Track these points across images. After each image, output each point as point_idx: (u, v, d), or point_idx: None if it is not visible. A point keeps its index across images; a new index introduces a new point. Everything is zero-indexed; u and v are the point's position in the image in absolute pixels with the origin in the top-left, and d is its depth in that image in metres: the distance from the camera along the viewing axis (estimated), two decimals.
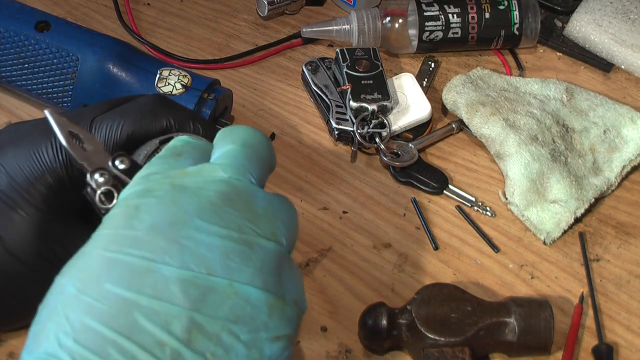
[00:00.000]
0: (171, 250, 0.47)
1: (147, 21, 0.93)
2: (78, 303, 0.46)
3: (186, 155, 0.54)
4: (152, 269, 0.46)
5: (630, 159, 0.80)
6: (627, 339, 0.70)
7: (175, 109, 0.66)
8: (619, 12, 0.91)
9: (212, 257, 0.47)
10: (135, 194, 0.50)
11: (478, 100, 0.82)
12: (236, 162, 0.52)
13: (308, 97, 0.87)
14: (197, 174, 0.51)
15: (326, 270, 0.74)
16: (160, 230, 0.48)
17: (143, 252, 0.47)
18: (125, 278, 0.46)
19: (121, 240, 0.47)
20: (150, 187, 0.50)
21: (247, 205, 0.50)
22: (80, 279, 0.47)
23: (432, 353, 0.65)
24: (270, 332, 0.48)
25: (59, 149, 0.62)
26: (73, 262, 0.49)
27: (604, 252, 0.76)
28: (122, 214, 0.49)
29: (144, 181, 0.51)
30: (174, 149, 0.54)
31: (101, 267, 0.47)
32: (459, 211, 0.78)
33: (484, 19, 0.87)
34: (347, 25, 0.88)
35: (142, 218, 0.48)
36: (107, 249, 0.47)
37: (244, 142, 0.54)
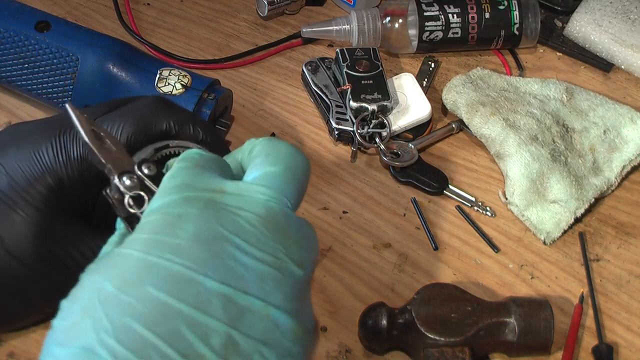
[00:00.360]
0: (213, 264, 0.47)
1: (147, 21, 0.93)
2: (119, 302, 0.45)
3: (209, 168, 0.54)
4: (195, 279, 0.46)
5: (630, 159, 0.80)
6: (627, 339, 0.70)
7: (176, 111, 0.66)
8: (619, 12, 0.91)
9: (249, 278, 0.47)
10: (174, 202, 0.50)
11: (478, 100, 0.82)
12: (276, 186, 0.52)
13: (308, 97, 0.87)
14: (237, 194, 0.51)
15: (326, 270, 0.74)
16: (203, 242, 0.48)
17: (186, 261, 0.47)
18: (167, 284, 0.46)
19: (163, 246, 0.47)
20: (187, 198, 0.50)
21: (282, 230, 0.51)
22: (120, 278, 0.46)
23: (432, 353, 0.65)
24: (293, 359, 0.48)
25: (60, 149, 0.62)
26: (108, 262, 0.48)
27: (604, 252, 0.76)
28: (163, 220, 0.49)
29: (178, 190, 0.51)
30: (193, 160, 0.54)
31: (143, 270, 0.46)
32: (459, 211, 0.78)
33: (484, 19, 0.87)
34: (347, 25, 0.88)
35: (184, 227, 0.48)
36: (148, 253, 0.47)
37: (286, 165, 0.53)
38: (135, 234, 0.49)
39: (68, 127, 0.63)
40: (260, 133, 0.84)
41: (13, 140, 0.63)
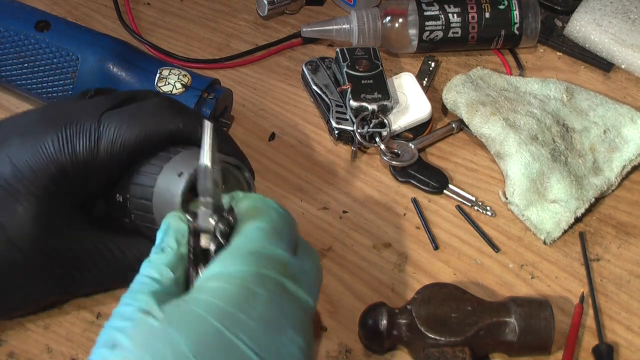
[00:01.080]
0: (271, 352, 0.50)
1: (147, 21, 0.93)
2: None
3: (283, 234, 0.56)
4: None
5: (631, 158, 0.80)
6: (627, 339, 0.70)
7: (183, 112, 0.66)
8: (619, 12, 0.90)
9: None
10: (250, 276, 0.52)
11: (478, 100, 0.82)
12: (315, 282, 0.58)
13: (308, 97, 0.87)
14: (295, 280, 0.54)
15: (326, 270, 0.74)
16: (269, 329, 0.51)
17: (253, 344, 0.50)
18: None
19: (238, 323, 0.50)
20: (262, 276, 0.53)
21: (312, 323, 0.56)
22: (194, 342, 0.48)
23: (432, 353, 0.65)
24: None
25: (65, 142, 0.61)
26: (183, 318, 0.50)
27: (604, 252, 0.76)
28: (238, 294, 0.51)
29: (255, 261, 0.53)
30: (273, 223, 0.56)
31: (218, 344, 0.49)
32: (459, 211, 0.78)
33: (484, 18, 0.87)
34: (347, 25, 0.88)
35: (257, 308, 0.51)
36: (225, 326, 0.49)
37: (320, 269, 0.60)
38: (210, 295, 0.51)
39: (74, 121, 0.62)
40: (260, 133, 0.84)
41: (16, 131, 0.63)
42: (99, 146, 0.62)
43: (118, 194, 0.65)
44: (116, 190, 0.65)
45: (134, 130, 0.63)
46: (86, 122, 0.62)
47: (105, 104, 0.65)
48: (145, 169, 0.64)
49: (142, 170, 0.64)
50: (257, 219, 0.56)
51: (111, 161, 0.63)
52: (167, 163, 0.63)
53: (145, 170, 0.64)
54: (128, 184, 0.64)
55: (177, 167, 0.62)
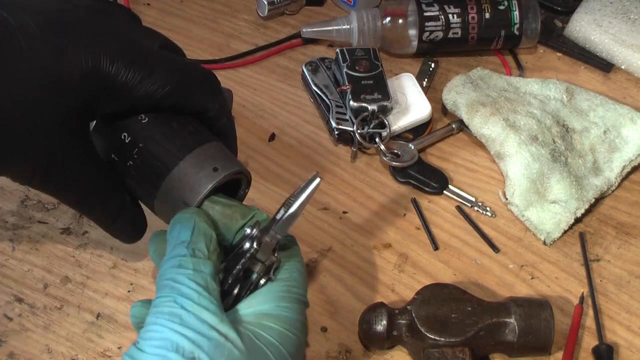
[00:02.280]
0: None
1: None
2: None
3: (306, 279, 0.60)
4: None
5: (631, 159, 0.80)
6: (627, 339, 0.70)
7: (222, 96, 0.64)
8: (619, 12, 0.91)
9: None
10: (300, 325, 0.56)
11: (478, 101, 0.82)
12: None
13: (308, 97, 0.87)
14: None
15: (326, 270, 0.74)
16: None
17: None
18: None
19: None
20: (301, 320, 0.57)
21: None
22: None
23: (432, 353, 0.65)
24: None
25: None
26: (260, 352, 0.53)
27: (604, 252, 0.76)
28: (294, 343, 0.55)
29: (302, 310, 0.57)
30: (303, 266, 0.60)
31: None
32: (459, 211, 0.78)
33: (484, 19, 0.87)
34: (347, 25, 0.88)
35: (298, 354, 0.56)
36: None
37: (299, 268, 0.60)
38: (276, 338, 0.54)
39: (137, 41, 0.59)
40: (260, 133, 0.84)
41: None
42: (152, 74, 0.58)
43: (126, 134, 0.61)
44: (124, 130, 0.61)
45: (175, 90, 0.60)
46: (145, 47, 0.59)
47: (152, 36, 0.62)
48: (174, 132, 0.60)
49: (169, 132, 0.60)
50: (296, 261, 0.59)
51: (147, 99, 0.59)
52: (205, 145, 0.60)
53: (174, 134, 0.60)
54: (148, 134, 0.60)
55: (215, 158, 0.60)
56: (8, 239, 0.74)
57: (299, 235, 0.76)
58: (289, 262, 0.59)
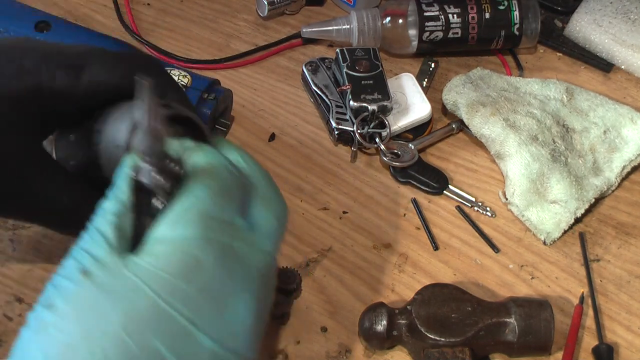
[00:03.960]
0: (214, 320, 0.48)
1: (147, 21, 0.93)
2: (120, 343, 0.46)
3: (233, 196, 0.53)
4: (194, 335, 0.47)
5: (631, 159, 0.80)
6: (627, 339, 0.70)
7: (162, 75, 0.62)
8: (619, 12, 0.90)
9: (241, 334, 0.49)
10: (195, 243, 0.49)
11: (478, 101, 0.82)
12: (271, 239, 0.54)
13: (308, 97, 0.87)
14: (248, 243, 0.52)
15: (326, 270, 0.74)
16: (212, 296, 0.49)
17: (192, 314, 0.47)
18: (170, 335, 0.47)
19: (177, 294, 0.47)
20: (208, 239, 0.50)
21: (271, 280, 0.53)
22: (127, 316, 0.46)
23: (432, 353, 0.65)
24: None
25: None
26: (115, 284, 0.47)
27: (604, 252, 0.76)
28: (181, 261, 0.48)
29: (201, 226, 0.50)
30: (222, 182, 0.53)
31: (151, 315, 0.47)
32: (459, 211, 0.78)
33: (484, 19, 0.87)
34: (347, 25, 0.88)
35: (199, 277, 0.48)
36: (159, 296, 0.47)
37: (278, 216, 0.56)
38: (150, 262, 0.48)
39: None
40: (260, 133, 0.84)
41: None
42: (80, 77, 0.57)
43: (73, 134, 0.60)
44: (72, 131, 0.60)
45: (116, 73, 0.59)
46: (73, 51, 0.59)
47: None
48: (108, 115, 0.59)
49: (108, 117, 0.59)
50: (207, 177, 0.52)
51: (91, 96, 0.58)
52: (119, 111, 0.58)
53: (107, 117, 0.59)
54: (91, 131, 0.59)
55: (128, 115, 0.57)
56: (8, 239, 0.74)
57: (299, 235, 0.76)
58: (197, 180, 0.52)
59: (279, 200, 0.57)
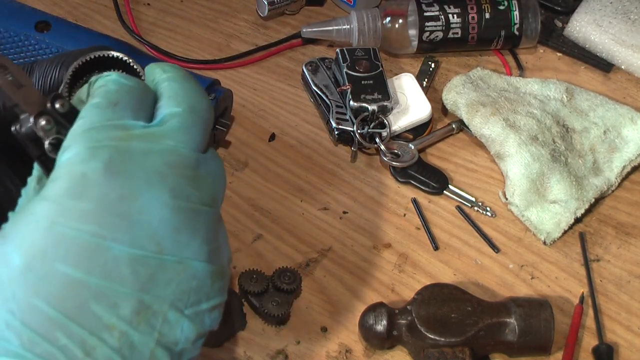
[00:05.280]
0: (122, 226, 0.45)
1: (147, 21, 0.93)
2: (25, 280, 0.44)
3: (123, 104, 0.49)
4: (103, 246, 0.44)
5: (631, 159, 0.80)
6: (627, 339, 0.70)
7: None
8: (619, 13, 0.90)
9: (163, 233, 0.46)
10: (79, 157, 0.46)
11: (478, 101, 0.82)
12: (182, 128, 0.49)
13: (308, 97, 0.87)
14: (144, 138, 0.48)
15: (326, 270, 0.74)
16: (110, 204, 0.45)
17: (93, 227, 0.44)
18: (74, 256, 0.44)
19: (69, 213, 0.45)
20: (93, 149, 0.46)
21: (192, 174, 0.48)
22: (26, 252, 0.44)
23: (432, 353, 0.65)
24: (210, 302, 0.47)
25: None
26: (16, 229, 0.46)
27: (604, 252, 0.76)
28: (68, 181, 0.46)
29: (85, 139, 0.47)
30: (108, 95, 0.49)
31: (48, 243, 0.44)
32: (459, 211, 0.78)
33: (484, 19, 0.87)
34: (347, 25, 0.88)
35: (90, 189, 0.45)
36: (54, 222, 0.45)
37: (191, 106, 0.50)
38: (43, 193, 0.46)
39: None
40: (260, 133, 0.84)
41: None
42: None
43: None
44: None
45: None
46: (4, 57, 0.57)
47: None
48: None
49: None
50: (92, 98, 0.49)
51: None
52: None
53: None
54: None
55: None
56: None
57: (299, 235, 0.76)
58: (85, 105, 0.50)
59: (190, 93, 0.52)
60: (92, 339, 0.43)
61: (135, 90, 0.51)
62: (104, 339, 0.44)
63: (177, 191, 0.47)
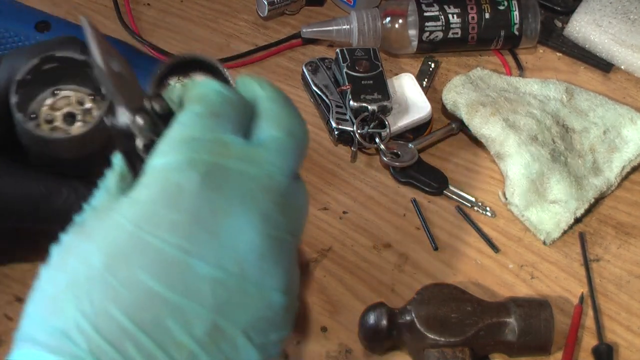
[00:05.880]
0: (210, 244, 0.44)
1: (147, 21, 0.93)
2: (104, 283, 0.43)
3: (225, 117, 0.48)
4: (187, 263, 0.43)
5: (630, 159, 0.80)
6: (627, 339, 0.70)
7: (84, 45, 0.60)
8: (619, 13, 0.91)
9: (248, 258, 0.45)
10: (176, 166, 0.45)
11: (478, 101, 0.82)
12: (278, 152, 0.48)
13: (308, 98, 0.87)
14: (242, 158, 0.47)
15: (326, 270, 0.74)
16: (202, 219, 0.44)
17: (181, 241, 0.43)
18: (158, 268, 0.43)
19: (159, 222, 0.44)
20: (192, 161, 0.45)
21: (282, 199, 0.47)
22: (108, 253, 0.43)
23: (432, 353, 0.65)
24: (279, 334, 0.46)
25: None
26: (100, 226, 0.45)
27: (604, 252, 0.76)
28: (163, 188, 0.45)
29: (184, 148, 0.46)
30: (210, 105, 0.48)
31: (133, 248, 0.43)
32: (458, 211, 0.78)
33: (484, 19, 0.87)
34: (347, 25, 0.88)
35: (183, 200, 0.44)
36: (141, 228, 0.44)
37: (290, 131, 0.50)
38: (133, 196, 0.45)
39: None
40: None
41: None
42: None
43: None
44: None
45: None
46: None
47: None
48: None
49: None
50: (193, 103, 0.48)
51: None
52: None
53: None
54: None
55: None
56: None
57: None
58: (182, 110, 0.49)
59: (290, 117, 0.51)
60: (161, 355, 0.42)
61: (236, 104, 0.50)
62: (172, 356, 0.43)
63: (268, 217, 0.46)
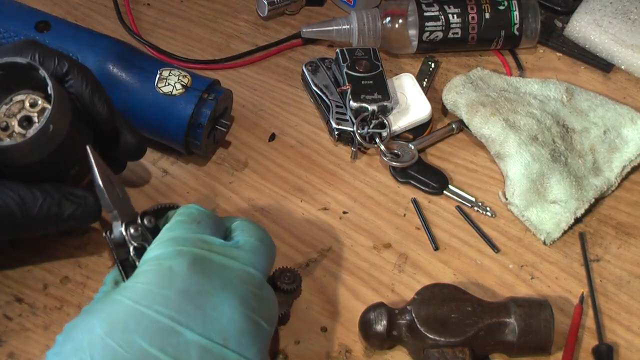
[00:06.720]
0: (197, 316, 0.53)
1: (147, 21, 0.93)
2: (104, 346, 0.51)
3: (204, 223, 0.60)
4: (177, 330, 0.52)
5: (631, 159, 0.80)
6: (627, 339, 0.70)
7: (43, 47, 0.66)
8: (619, 13, 0.91)
9: (230, 330, 0.54)
10: (168, 254, 0.56)
11: (478, 101, 0.82)
12: (252, 253, 0.59)
13: (308, 98, 0.87)
14: (222, 253, 0.58)
15: (326, 270, 0.74)
16: (190, 295, 0.54)
17: (172, 312, 0.53)
18: (151, 333, 0.52)
19: (153, 297, 0.53)
20: (180, 251, 0.56)
21: (257, 290, 0.58)
22: (108, 323, 0.52)
23: (432, 353, 0.65)
24: None
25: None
26: (102, 306, 0.54)
27: (604, 252, 0.76)
28: (156, 272, 0.55)
29: (173, 243, 0.57)
30: (191, 215, 0.60)
31: (131, 318, 0.52)
32: (459, 211, 0.78)
33: (484, 19, 0.87)
34: (347, 25, 0.88)
35: (174, 280, 0.54)
36: (138, 302, 0.53)
37: (261, 238, 0.61)
38: (130, 282, 0.55)
39: None
40: (260, 133, 0.84)
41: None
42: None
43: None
44: None
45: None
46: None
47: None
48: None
49: None
50: (176, 216, 0.60)
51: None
52: None
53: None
54: None
55: None
56: (8, 239, 0.74)
57: (299, 235, 0.76)
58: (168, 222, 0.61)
59: (260, 230, 0.63)
60: None
61: (212, 217, 0.61)
62: None
63: (246, 301, 0.56)
